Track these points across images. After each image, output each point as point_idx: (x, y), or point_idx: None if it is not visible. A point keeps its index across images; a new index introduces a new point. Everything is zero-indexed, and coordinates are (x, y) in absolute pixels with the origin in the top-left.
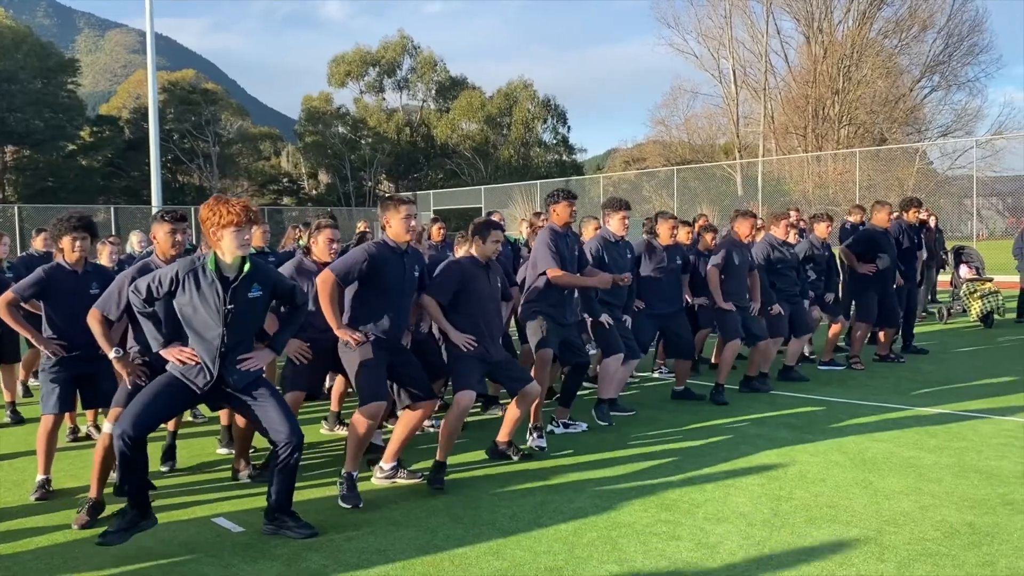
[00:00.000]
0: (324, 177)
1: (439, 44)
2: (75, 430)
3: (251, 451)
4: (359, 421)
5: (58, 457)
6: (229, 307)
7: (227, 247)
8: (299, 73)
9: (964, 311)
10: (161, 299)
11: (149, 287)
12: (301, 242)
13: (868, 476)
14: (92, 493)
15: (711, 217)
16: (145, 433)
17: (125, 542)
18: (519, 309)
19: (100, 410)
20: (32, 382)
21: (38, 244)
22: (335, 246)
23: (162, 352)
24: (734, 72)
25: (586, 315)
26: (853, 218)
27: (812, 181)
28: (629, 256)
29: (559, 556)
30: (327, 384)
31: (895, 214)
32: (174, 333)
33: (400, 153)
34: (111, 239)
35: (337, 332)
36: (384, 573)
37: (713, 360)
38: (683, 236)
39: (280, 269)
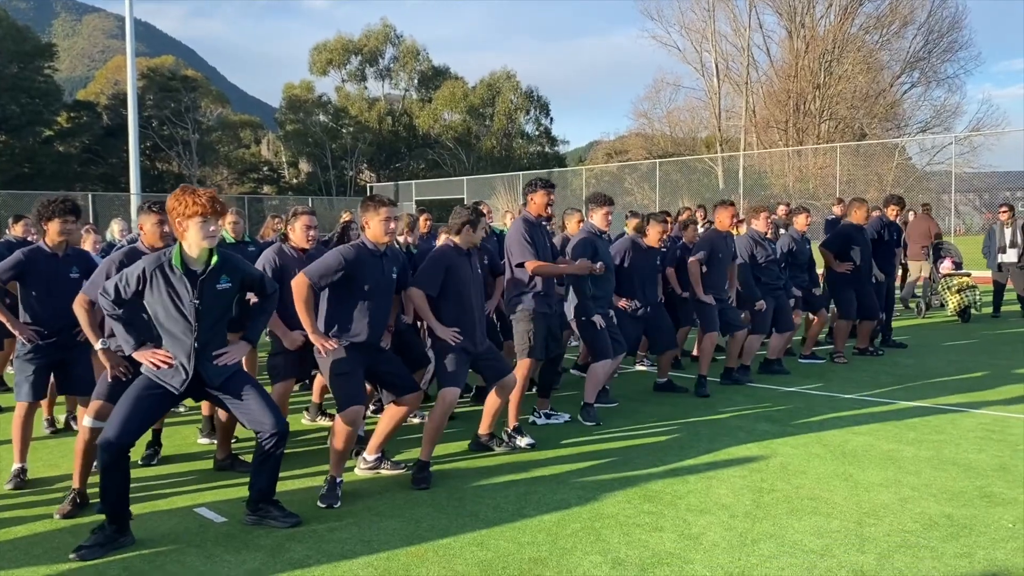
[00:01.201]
0: (305, 166)
1: (422, 34)
2: (52, 421)
3: (233, 441)
4: (339, 428)
5: (35, 447)
6: (197, 301)
7: (192, 238)
8: (280, 61)
9: (942, 305)
10: (130, 299)
11: (117, 287)
12: (279, 231)
13: (848, 468)
14: (75, 484)
15: (693, 210)
16: (129, 442)
17: (101, 558)
18: (505, 302)
19: (79, 400)
20: (9, 370)
21: (17, 231)
22: (312, 233)
23: (135, 355)
24: (716, 66)
25: (574, 316)
26: (837, 210)
27: (793, 175)
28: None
29: (543, 547)
30: (313, 372)
31: (875, 211)
32: (146, 334)
33: (382, 143)
34: (90, 227)
35: (312, 338)
36: (368, 563)
37: (694, 353)
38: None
39: (260, 257)
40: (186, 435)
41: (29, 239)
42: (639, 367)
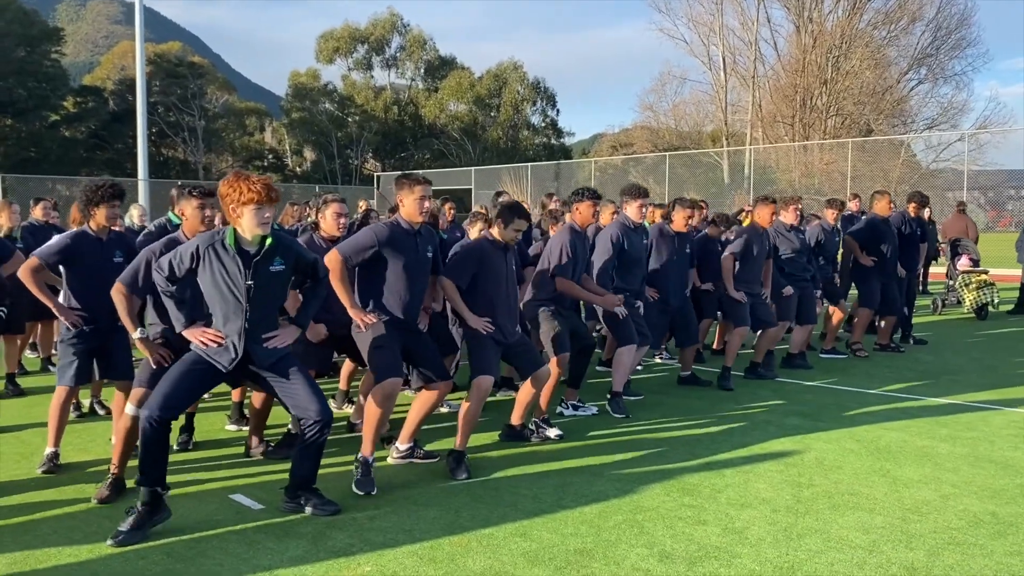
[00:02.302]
0: (310, 154)
1: (429, 23)
2: (78, 405)
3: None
4: (375, 399)
5: (65, 431)
6: (250, 282)
7: (247, 225)
8: (286, 49)
9: (958, 302)
10: (184, 277)
11: (171, 264)
12: (309, 219)
13: (885, 464)
14: (114, 469)
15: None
16: (172, 416)
17: (140, 543)
18: (524, 305)
19: (105, 383)
20: (28, 354)
21: (37, 214)
22: (343, 220)
23: (184, 333)
24: (723, 59)
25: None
26: (852, 206)
27: (799, 170)
28: (644, 242)
29: (587, 538)
30: (337, 360)
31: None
32: (198, 312)
33: (387, 132)
34: None
35: (351, 312)
36: (412, 552)
37: (715, 346)
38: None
39: None
40: (214, 421)
41: (50, 221)
42: (658, 359)
